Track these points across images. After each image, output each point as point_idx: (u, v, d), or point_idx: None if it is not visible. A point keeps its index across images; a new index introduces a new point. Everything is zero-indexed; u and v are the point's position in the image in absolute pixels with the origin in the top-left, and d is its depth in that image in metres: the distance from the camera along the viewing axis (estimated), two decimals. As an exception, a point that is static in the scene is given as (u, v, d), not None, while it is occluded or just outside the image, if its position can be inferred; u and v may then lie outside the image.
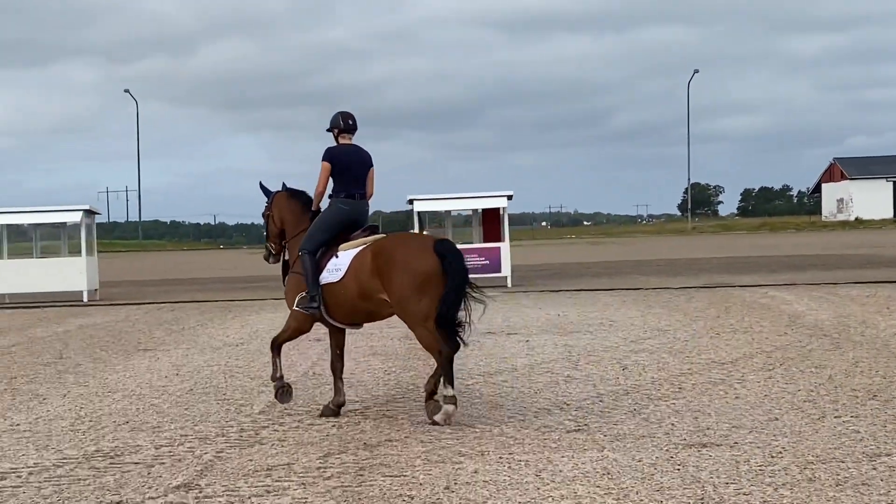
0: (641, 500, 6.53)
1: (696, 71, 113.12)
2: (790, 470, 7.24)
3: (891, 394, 10.13)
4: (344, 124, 10.24)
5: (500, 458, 7.79)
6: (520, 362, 12.97)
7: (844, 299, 20.86)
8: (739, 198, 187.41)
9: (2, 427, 9.66)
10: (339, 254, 9.72)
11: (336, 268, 9.68)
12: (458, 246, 9.16)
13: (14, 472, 7.76)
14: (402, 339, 15.88)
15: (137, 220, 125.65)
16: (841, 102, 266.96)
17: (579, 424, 8.97)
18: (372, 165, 10.23)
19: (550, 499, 6.63)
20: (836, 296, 21.83)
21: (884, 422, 8.82)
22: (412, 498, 6.76)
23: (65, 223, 30.28)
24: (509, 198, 29.68)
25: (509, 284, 28.85)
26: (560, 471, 7.34)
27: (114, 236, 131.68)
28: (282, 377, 10.08)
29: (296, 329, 10.08)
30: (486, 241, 29.91)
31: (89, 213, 29.95)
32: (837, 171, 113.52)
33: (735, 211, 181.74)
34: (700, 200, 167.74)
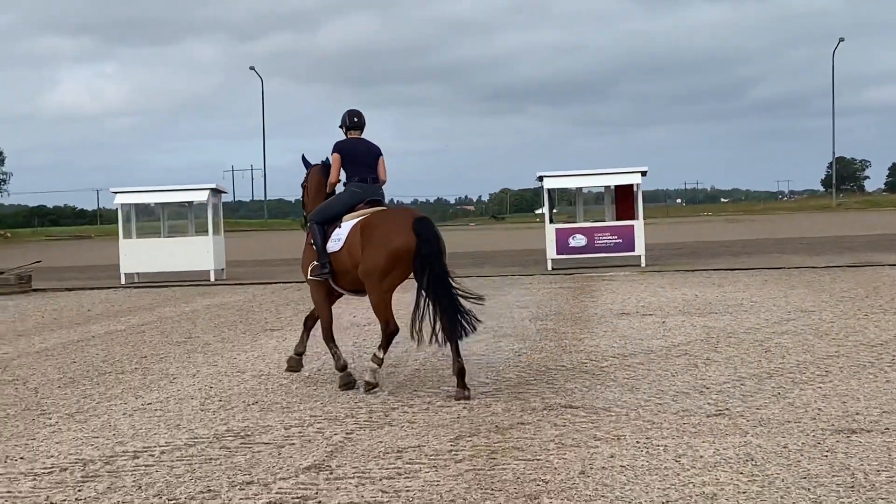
0: (787, 488, 6.41)
1: (842, 39, 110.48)
2: (947, 458, 7.03)
3: None
4: (350, 122, 11.26)
5: (638, 442, 7.73)
6: (655, 344, 12.86)
7: None
8: (887, 172, 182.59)
9: (134, 406, 9.93)
10: (342, 224, 10.66)
11: (338, 237, 10.60)
12: (590, 224, 9.83)
13: (147, 451, 7.97)
14: (532, 321, 15.87)
15: (262, 198, 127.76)
16: None
17: (720, 409, 8.85)
18: (381, 154, 11.20)
19: (691, 485, 6.55)
20: None
21: None
22: (546, 482, 6.74)
23: (191, 202, 30.91)
24: (643, 174, 29.41)
25: (643, 264, 28.60)
26: (701, 456, 7.25)
27: (239, 216, 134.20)
28: (345, 365, 10.70)
29: (321, 301, 10.94)
30: (618, 219, 29.69)
31: (216, 192, 30.55)
32: None
33: (882, 186, 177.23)
34: (845, 175, 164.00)
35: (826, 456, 7.14)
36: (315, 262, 10.73)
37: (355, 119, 11.25)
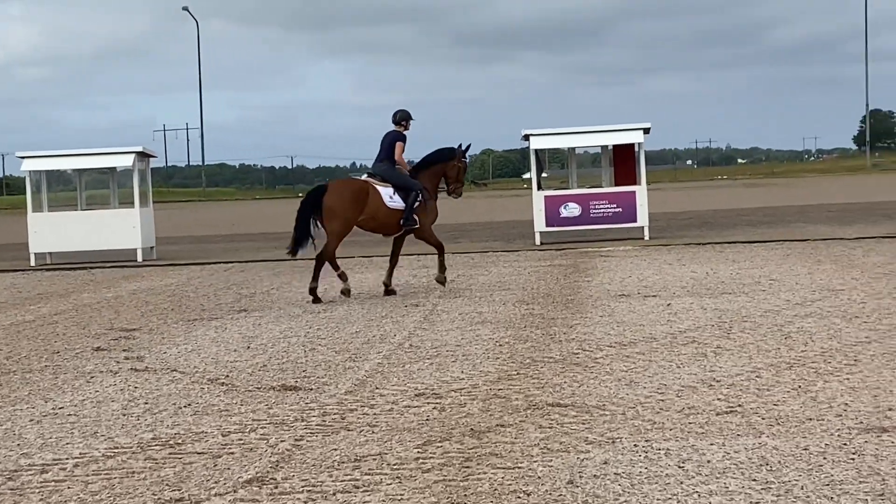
0: (807, 497, 6.46)
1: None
2: None
3: None
4: (392, 118, 18.32)
5: (636, 446, 7.78)
6: (659, 330, 12.92)
7: None
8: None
9: (43, 410, 9.91)
10: None
11: None
12: (585, 191, 15.74)
13: (57, 464, 7.96)
14: (517, 305, 15.93)
15: (200, 163, 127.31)
16: None
17: (731, 405, 8.91)
18: (394, 140, 18.09)
19: (696, 495, 6.60)
20: None
21: None
22: (529, 494, 6.78)
23: (114, 168, 30.79)
24: (646, 131, 29.46)
25: (646, 236, 28.71)
26: (708, 461, 7.30)
27: (172, 183, 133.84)
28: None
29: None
30: (617, 184, 29.76)
31: (143, 156, 30.39)
32: None
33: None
34: (881, 131, 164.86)
35: (852, 459, 7.20)
36: None
37: (392, 116, 18.26)
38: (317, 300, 17.32)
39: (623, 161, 30.05)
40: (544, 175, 31.87)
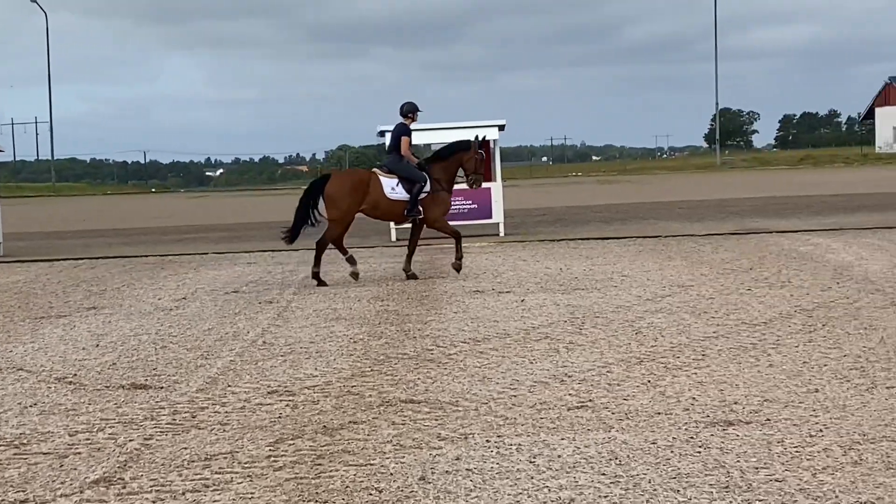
0: (654, 490, 6.57)
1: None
2: (832, 451, 7.30)
3: (956, 359, 10.19)
4: (399, 110, 19.21)
5: (487, 441, 7.83)
6: (512, 326, 13.01)
7: (903, 246, 20.95)
8: (777, 126, 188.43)
9: None
10: None
11: None
12: None
13: None
14: (372, 301, 15.91)
15: (49, 158, 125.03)
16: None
17: (582, 400, 9.02)
18: (400, 134, 18.83)
19: (546, 490, 6.66)
20: (892, 242, 21.93)
21: (947, 393, 8.88)
22: (380, 491, 6.78)
23: (-40, 164, 30.13)
24: (501, 128, 29.57)
25: (501, 233, 28.90)
26: (558, 456, 7.38)
27: (21, 178, 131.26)
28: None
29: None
30: (472, 180, 29.78)
31: (-10, 151, 29.81)
32: (894, 92, 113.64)
33: (772, 142, 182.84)
34: (730, 130, 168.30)
35: (699, 452, 7.34)
36: None
37: (400, 109, 19.17)
38: (321, 283, 18.17)
39: (478, 158, 30.12)
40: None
